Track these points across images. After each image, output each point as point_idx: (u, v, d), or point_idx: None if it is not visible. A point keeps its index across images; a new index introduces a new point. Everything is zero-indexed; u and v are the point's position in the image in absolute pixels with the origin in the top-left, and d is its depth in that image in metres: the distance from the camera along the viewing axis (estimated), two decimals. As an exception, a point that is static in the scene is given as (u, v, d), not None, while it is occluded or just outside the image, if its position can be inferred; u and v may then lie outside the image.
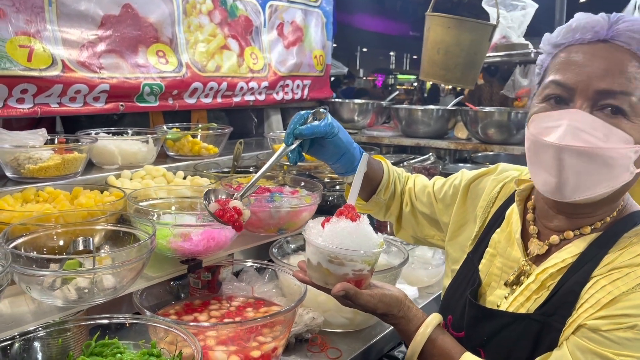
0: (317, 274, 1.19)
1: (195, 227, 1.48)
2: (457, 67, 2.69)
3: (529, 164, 1.18)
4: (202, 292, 1.64)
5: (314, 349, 1.55)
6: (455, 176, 1.56)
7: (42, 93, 2.01)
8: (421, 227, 1.62)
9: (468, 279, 1.34)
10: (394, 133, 3.36)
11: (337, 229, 1.16)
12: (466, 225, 1.45)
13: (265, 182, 2.05)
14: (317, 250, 1.16)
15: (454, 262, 1.45)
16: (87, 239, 1.30)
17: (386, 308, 1.21)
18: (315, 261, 1.18)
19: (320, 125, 1.39)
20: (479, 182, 1.48)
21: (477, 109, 3.03)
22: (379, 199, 1.61)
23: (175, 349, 1.19)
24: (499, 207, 1.38)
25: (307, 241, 1.20)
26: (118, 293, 1.33)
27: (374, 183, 1.59)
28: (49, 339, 1.18)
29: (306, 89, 3.30)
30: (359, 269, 1.16)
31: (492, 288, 1.28)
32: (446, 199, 1.53)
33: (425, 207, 1.59)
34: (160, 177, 2.00)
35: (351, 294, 1.16)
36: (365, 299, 1.18)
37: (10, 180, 1.80)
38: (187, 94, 2.57)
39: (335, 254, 1.15)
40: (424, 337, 1.21)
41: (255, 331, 1.34)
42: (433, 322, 1.23)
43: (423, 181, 1.65)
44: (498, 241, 1.31)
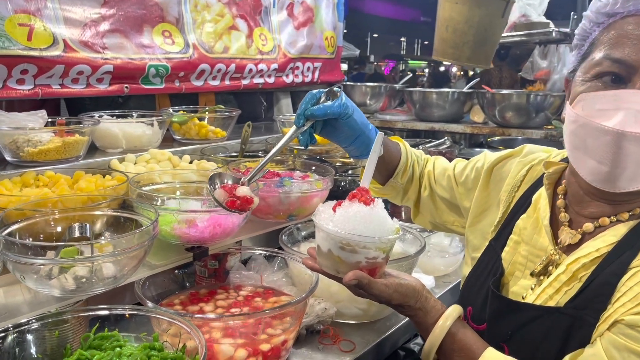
0: (328, 262, 1.12)
1: (200, 213, 1.40)
2: (466, 44, 2.58)
3: (572, 149, 1.07)
4: (208, 280, 1.57)
5: (326, 341, 1.47)
6: (477, 158, 1.47)
7: (43, 74, 1.94)
8: (440, 212, 1.54)
9: (490, 268, 1.26)
10: (408, 117, 3.27)
11: (349, 214, 1.07)
12: (488, 210, 1.37)
13: (274, 167, 1.97)
14: (328, 236, 1.08)
15: (474, 250, 1.36)
16: (84, 225, 1.22)
17: (402, 299, 1.12)
18: (326, 248, 1.10)
19: (334, 106, 1.29)
20: (503, 165, 1.39)
21: (494, 92, 2.92)
22: (396, 182, 1.52)
23: (179, 342, 1.12)
24: (524, 192, 1.29)
25: (317, 226, 1.12)
26: (119, 282, 1.25)
27: (390, 166, 1.51)
28: (44, 331, 1.11)
29: (317, 72, 3.20)
30: (373, 257, 1.08)
31: (516, 278, 1.20)
32: (467, 183, 1.45)
33: (445, 191, 1.50)
34: (165, 161, 1.92)
35: (364, 283, 1.08)
36: (380, 288, 1.10)
37: (9, 164, 1.74)
38: (194, 76, 2.49)
39: (347, 241, 1.06)
40: (443, 330, 1.12)
41: (263, 324, 1.26)
42: (453, 314, 1.14)
43: (443, 164, 1.56)
44: (523, 228, 1.22)
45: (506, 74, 4.82)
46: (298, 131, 1.31)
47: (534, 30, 3.04)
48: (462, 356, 1.11)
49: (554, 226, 1.19)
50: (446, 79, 8.83)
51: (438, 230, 1.60)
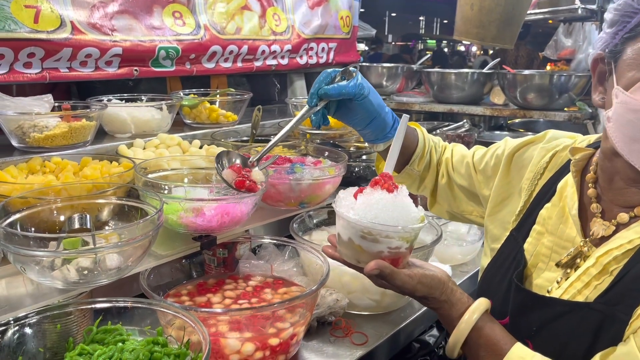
0: (349, 251, 1.07)
1: (208, 202, 1.36)
2: (492, 23, 2.47)
3: (623, 137, 0.98)
4: (217, 270, 1.53)
5: (338, 333, 1.42)
6: (497, 145, 1.40)
7: (51, 57, 1.90)
8: (458, 201, 1.48)
9: (511, 259, 1.20)
10: (425, 99, 3.18)
11: (371, 201, 1.02)
12: (509, 199, 1.30)
13: (286, 152, 1.91)
14: (348, 224, 1.03)
15: (493, 240, 1.30)
16: (84, 216, 1.18)
17: (427, 290, 1.06)
18: (346, 236, 1.05)
19: (349, 86, 1.24)
20: (524, 151, 1.32)
21: (515, 72, 2.81)
22: (412, 170, 1.47)
23: (183, 335, 1.08)
24: (548, 180, 1.22)
25: (337, 214, 1.06)
26: (123, 273, 1.22)
27: (407, 152, 1.45)
28: (46, 324, 1.08)
29: (332, 53, 3.12)
30: (396, 247, 1.03)
31: (539, 270, 1.14)
32: (487, 171, 1.38)
33: (463, 179, 1.45)
34: (175, 147, 1.88)
35: (386, 273, 1.02)
36: (403, 279, 1.04)
37: (16, 150, 1.71)
38: (206, 58, 2.43)
39: (368, 229, 1.01)
40: (469, 324, 1.05)
41: (272, 317, 1.22)
42: (480, 307, 1.07)
43: (462, 151, 1.50)
44: (548, 217, 1.15)
45: (522, 53, 4.67)
46: (310, 111, 1.26)
47: (558, 7, 2.92)
48: (488, 351, 1.04)
49: (582, 217, 1.12)
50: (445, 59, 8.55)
51: (455, 220, 1.53)
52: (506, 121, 3.43)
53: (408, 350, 1.55)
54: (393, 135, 1.33)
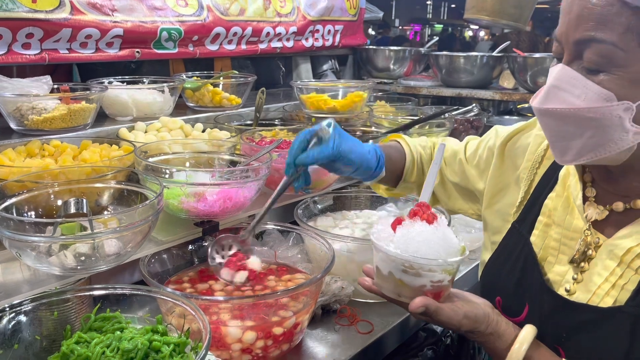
0: (389, 285, 1.04)
1: (210, 186, 1.32)
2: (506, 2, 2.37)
3: None
4: (220, 255, 1.49)
5: (343, 321, 1.39)
6: (488, 136, 1.38)
7: (50, 38, 1.86)
8: (453, 200, 1.45)
9: (517, 252, 1.16)
10: (433, 83, 3.12)
11: (411, 234, 0.99)
12: (506, 190, 1.26)
13: (290, 136, 1.87)
14: (388, 258, 1.00)
15: (494, 233, 1.26)
16: (80, 200, 1.14)
17: (472, 325, 1.02)
18: (386, 270, 1.02)
19: (326, 152, 1.21)
20: (517, 140, 1.28)
21: (525, 55, 2.74)
22: (407, 184, 1.47)
23: (183, 324, 1.05)
24: (548, 168, 1.18)
25: (375, 247, 1.03)
26: (122, 259, 1.18)
27: (397, 170, 1.45)
28: (42, 311, 1.05)
29: (338, 35, 3.06)
30: (439, 280, 0.99)
31: (549, 264, 1.10)
32: (480, 164, 1.35)
33: (455, 175, 1.42)
34: (177, 130, 1.84)
35: (432, 310, 0.99)
36: (448, 314, 1.00)
37: (15, 133, 1.67)
38: (209, 40, 2.39)
39: (409, 263, 0.98)
40: (520, 356, 1.00)
41: (275, 305, 1.18)
42: (528, 337, 1.02)
43: (454, 146, 1.46)
44: (553, 208, 1.12)
45: (524, 37, 4.56)
46: (289, 180, 1.24)
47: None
48: None
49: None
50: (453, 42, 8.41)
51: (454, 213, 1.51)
52: (515, 106, 3.37)
53: (414, 339, 1.51)
54: (379, 174, 1.36)
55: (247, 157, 1.53)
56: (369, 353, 1.32)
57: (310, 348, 1.30)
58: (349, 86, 2.38)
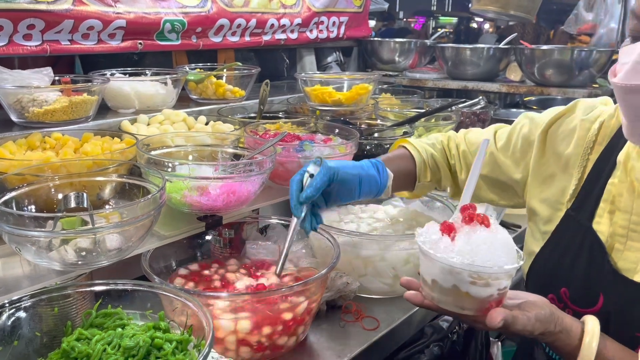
0: (450, 298, 0.97)
1: (213, 180, 1.29)
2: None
3: None
4: (223, 251, 1.47)
5: (348, 317, 1.37)
6: (520, 124, 1.34)
7: (51, 29, 1.84)
8: (481, 191, 1.41)
9: (578, 241, 1.12)
10: (439, 75, 3.08)
11: (476, 241, 0.92)
12: (553, 177, 1.23)
13: (295, 129, 1.84)
14: (453, 270, 0.93)
15: (545, 222, 1.22)
16: (80, 194, 1.12)
17: (544, 327, 0.98)
18: (449, 284, 0.94)
19: (318, 178, 1.23)
20: (558, 126, 1.25)
21: (533, 47, 2.70)
22: (423, 184, 1.47)
23: (186, 321, 1.03)
24: (602, 152, 1.15)
25: (430, 258, 0.96)
26: (124, 254, 1.16)
27: (410, 174, 1.45)
28: (43, 307, 1.03)
29: (343, 27, 3.03)
30: (504, 287, 0.95)
31: (617, 251, 1.07)
32: (516, 154, 1.32)
33: (484, 167, 1.37)
34: (180, 123, 1.82)
35: (509, 322, 0.94)
36: (523, 322, 0.95)
37: (16, 126, 1.65)
38: (213, 32, 2.36)
39: (478, 275, 0.91)
40: (593, 348, 0.96)
41: (279, 302, 1.16)
42: (596, 329, 0.99)
43: (478, 138, 1.43)
44: (617, 194, 1.08)
45: (529, 30, 4.51)
46: (300, 221, 1.25)
47: (580, -21, 2.79)
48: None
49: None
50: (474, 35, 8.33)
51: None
52: (522, 98, 3.32)
53: (420, 335, 1.49)
54: (385, 186, 1.35)
55: (251, 150, 1.51)
56: (374, 349, 1.30)
57: (314, 344, 1.28)
58: (354, 78, 2.35)
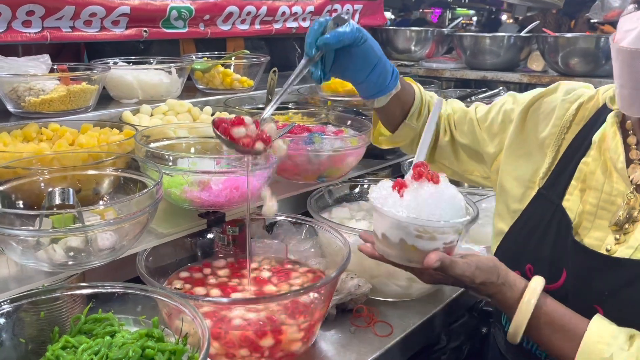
0: (398, 252, 0.99)
1: (215, 174, 1.21)
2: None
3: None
4: (227, 249, 1.39)
5: (359, 322, 1.28)
6: (503, 100, 1.31)
7: (52, 15, 1.76)
8: (460, 160, 1.40)
9: (547, 219, 1.11)
10: (457, 65, 2.97)
11: (422, 196, 0.94)
12: (527, 156, 1.21)
13: (304, 120, 1.75)
14: (400, 224, 0.95)
15: (514, 201, 1.20)
16: (66, 191, 1.04)
17: (485, 276, 0.99)
18: (397, 237, 0.97)
19: (346, 31, 1.15)
20: (539, 106, 1.22)
21: (557, 35, 2.57)
22: (411, 124, 1.37)
23: (181, 329, 0.94)
24: (578, 133, 1.14)
25: (380, 213, 0.98)
26: (118, 254, 1.08)
27: (405, 107, 1.37)
28: (27, 311, 0.95)
29: (357, 15, 2.92)
30: (451, 241, 0.97)
31: (585, 229, 1.06)
32: (493, 127, 1.30)
33: (465, 137, 1.37)
34: (185, 114, 1.73)
35: (447, 264, 0.96)
36: (462, 267, 0.97)
37: (13, 116, 1.58)
38: (221, 19, 2.27)
39: (424, 228, 0.94)
40: (532, 304, 0.97)
41: (286, 307, 1.07)
42: (537, 289, 0.99)
43: (462, 107, 1.42)
44: (590, 172, 1.07)
45: (550, 20, 4.36)
46: (310, 63, 1.17)
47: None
48: (556, 330, 0.98)
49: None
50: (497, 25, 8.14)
51: (455, 179, 1.42)
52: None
53: (436, 342, 1.40)
54: (394, 86, 1.29)
55: (257, 142, 1.41)
56: (387, 357, 1.21)
57: (323, 352, 1.19)
58: (368, 68, 2.23)
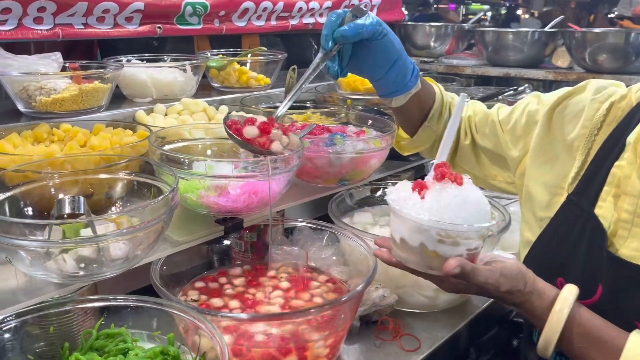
0: (417, 258, 0.93)
1: (232, 179, 1.14)
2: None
3: None
4: (244, 256, 1.33)
5: (384, 335, 1.21)
6: (527, 101, 1.24)
7: (64, 12, 1.71)
8: (482, 164, 1.34)
9: (579, 228, 1.03)
10: (478, 62, 2.88)
11: (445, 199, 0.88)
12: (554, 160, 1.14)
13: (323, 120, 1.68)
14: (421, 228, 0.89)
15: (542, 208, 1.13)
16: (77, 199, 0.98)
17: (511, 283, 0.93)
18: (416, 242, 0.91)
19: (366, 24, 1.10)
20: (566, 106, 1.14)
21: (584, 30, 2.48)
22: (430, 127, 1.31)
23: (199, 346, 0.88)
24: (610, 134, 1.06)
25: (399, 216, 0.92)
26: (132, 264, 1.02)
27: (425, 107, 1.31)
28: (35, 325, 0.90)
29: (375, 10, 2.84)
30: (475, 247, 0.91)
31: (620, 238, 0.98)
32: (516, 130, 1.23)
33: (487, 140, 1.30)
34: (200, 113, 1.67)
35: (467, 270, 0.89)
36: (485, 274, 0.91)
37: (24, 116, 1.53)
38: (237, 15, 2.21)
39: (446, 233, 0.88)
40: (564, 314, 0.90)
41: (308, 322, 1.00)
42: (570, 297, 0.93)
43: (483, 108, 1.35)
44: (625, 177, 0.99)
45: (569, 15, 4.26)
46: (327, 57, 1.13)
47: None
48: (591, 342, 0.92)
49: None
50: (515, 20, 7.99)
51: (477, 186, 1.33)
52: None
53: (465, 356, 1.33)
54: (414, 84, 1.22)
55: (276, 144, 1.35)
56: (414, 373, 1.15)
57: (346, 367, 1.13)
58: (388, 65, 2.16)
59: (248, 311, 1.10)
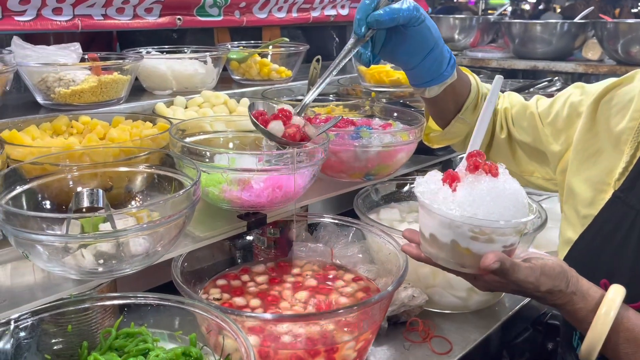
0: (448, 254, 0.87)
1: (256, 172, 1.10)
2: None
3: None
4: (267, 252, 1.29)
5: (413, 336, 1.16)
6: (568, 92, 1.18)
7: (83, 2, 1.68)
8: (518, 159, 1.27)
9: (626, 227, 0.98)
10: (504, 54, 2.80)
11: (479, 192, 0.81)
12: (600, 154, 1.07)
13: (347, 113, 1.63)
14: (452, 224, 0.83)
15: (585, 206, 1.07)
16: (95, 192, 0.94)
17: (552, 283, 0.87)
18: (447, 238, 0.85)
19: (403, 8, 1.03)
20: (612, 97, 1.07)
21: (617, 21, 2.39)
22: (464, 119, 1.24)
23: (222, 347, 0.84)
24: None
25: (428, 211, 0.86)
26: (152, 260, 0.98)
27: (459, 99, 1.24)
28: (53, 324, 0.86)
29: (398, 1, 2.77)
30: (511, 244, 0.85)
31: None
32: (557, 122, 1.16)
33: (525, 133, 1.23)
34: (221, 106, 1.63)
35: (507, 266, 0.83)
36: (525, 272, 0.85)
37: (43, 108, 1.50)
38: (257, 7, 2.16)
39: (481, 229, 0.82)
40: (611, 317, 0.85)
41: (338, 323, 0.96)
42: (617, 299, 0.87)
43: (520, 100, 1.28)
44: None
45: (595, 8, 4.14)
46: (359, 43, 1.06)
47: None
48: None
49: None
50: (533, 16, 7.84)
51: None
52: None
53: (497, 359, 1.27)
54: (449, 74, 1.16)
55: (300, 137, 1.30)
56: (445, 377, 1.09)
57: (374, 369, 1.08)
58: (413, 57, 2.10)
59: (272, 310, 1.06)
